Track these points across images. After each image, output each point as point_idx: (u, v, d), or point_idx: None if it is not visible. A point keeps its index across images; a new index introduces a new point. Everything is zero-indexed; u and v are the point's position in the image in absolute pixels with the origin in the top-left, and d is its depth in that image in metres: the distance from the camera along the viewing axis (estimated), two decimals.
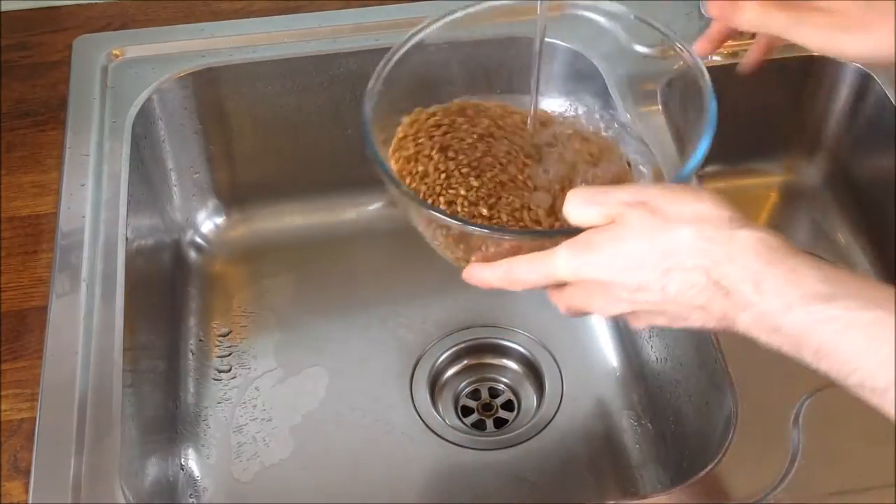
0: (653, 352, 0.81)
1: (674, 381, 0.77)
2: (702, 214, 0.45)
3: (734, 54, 0.87)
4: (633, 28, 0.63)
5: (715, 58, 0.89)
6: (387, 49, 0.59)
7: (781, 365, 0.65)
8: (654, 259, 0.45)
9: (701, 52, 0.60)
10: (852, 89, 0.91)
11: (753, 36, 0.63)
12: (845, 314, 0.42)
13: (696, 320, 0.47)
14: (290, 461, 0.80)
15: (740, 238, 0.44)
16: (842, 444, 0.62)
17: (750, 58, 0.63)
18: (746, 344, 0.50)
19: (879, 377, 0.41)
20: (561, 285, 0.50)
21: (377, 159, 0.54)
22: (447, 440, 0.81)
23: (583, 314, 0.52)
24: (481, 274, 0.52)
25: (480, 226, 0.54)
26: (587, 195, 0.48)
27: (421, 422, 0.82)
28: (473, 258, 0.53)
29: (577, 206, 0.48)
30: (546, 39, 0.60)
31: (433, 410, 0.83)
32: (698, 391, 0.73)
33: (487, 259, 0.52)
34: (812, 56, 0.87)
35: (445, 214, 0.53)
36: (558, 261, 0.48)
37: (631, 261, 0.46)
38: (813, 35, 0.56)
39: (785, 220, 0.96)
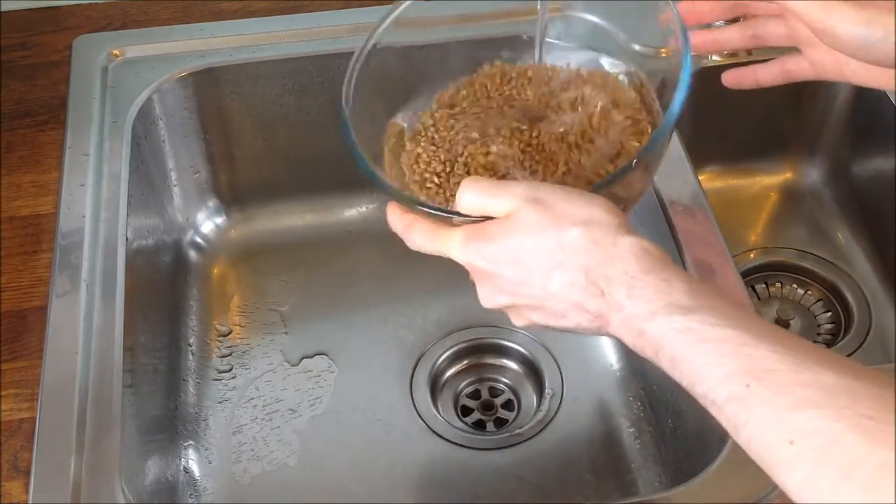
0: None
1: (674, 380, 0.77)
2: (592, 217, 0.47)
3: (734, 55, 0.87)
4: (631, 28, 0.63)
5: (715, 58, 0.89)
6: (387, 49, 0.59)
7: None
8: (541, 255, 0.47)
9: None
10: (852, 89, 0.91)
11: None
12: (700, 328, 0.44)
13: (573, 318, 0.48)
14: (290, 461, 0.80)
15: (623, 244, 0.46)
16: None
17: (759, 76, 0.64)
18: None
19: (720, 392, 0.43)
20: None
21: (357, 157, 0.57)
22: (447, 440, 0.81)
23: None
24: (391, 215, 0.53)
25: (393, 189, 0.54)
26: (484, 187, 0.49)
27: (421, 422, 0.82)
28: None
29: (473, 197, 0.49)
30: (546, 39, 0.60)
31: (433, 410, 0.83)
32: None
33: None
34: None
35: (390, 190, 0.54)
36: (453, 242, 0.50)
37: (519, 255, 0.48)
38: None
39: (785, 220, 0.96)
